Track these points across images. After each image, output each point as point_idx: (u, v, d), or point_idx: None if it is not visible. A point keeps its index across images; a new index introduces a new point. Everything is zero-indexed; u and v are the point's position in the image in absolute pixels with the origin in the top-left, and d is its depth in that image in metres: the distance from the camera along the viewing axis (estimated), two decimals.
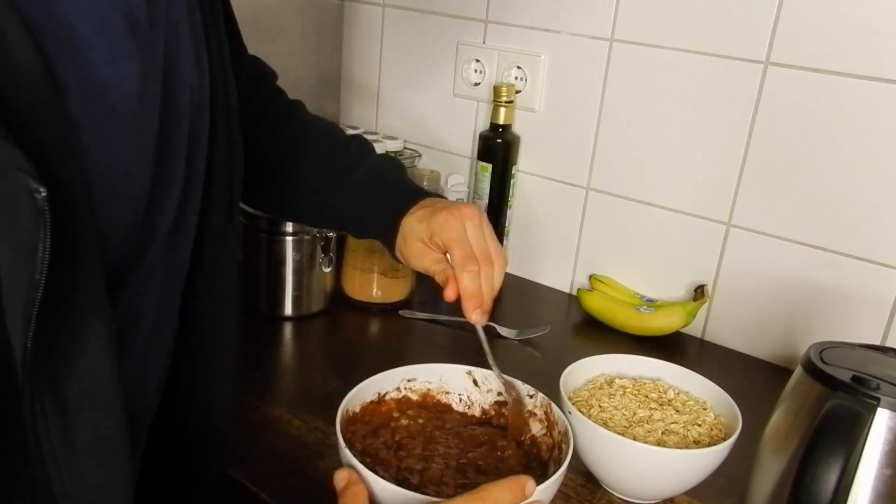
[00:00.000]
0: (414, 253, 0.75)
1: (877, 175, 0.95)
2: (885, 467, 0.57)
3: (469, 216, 0.73)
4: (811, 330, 1.03)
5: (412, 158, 1.39)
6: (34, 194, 0.38)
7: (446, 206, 0.74)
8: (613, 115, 1.15)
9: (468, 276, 0.71)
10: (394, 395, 0.75)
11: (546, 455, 0.71)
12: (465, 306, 0.72)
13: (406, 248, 0.76)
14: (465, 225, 0.72)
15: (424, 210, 0.75)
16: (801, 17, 0.96)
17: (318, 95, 1.45)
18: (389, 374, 0.75)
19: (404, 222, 0.76)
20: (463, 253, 0.71)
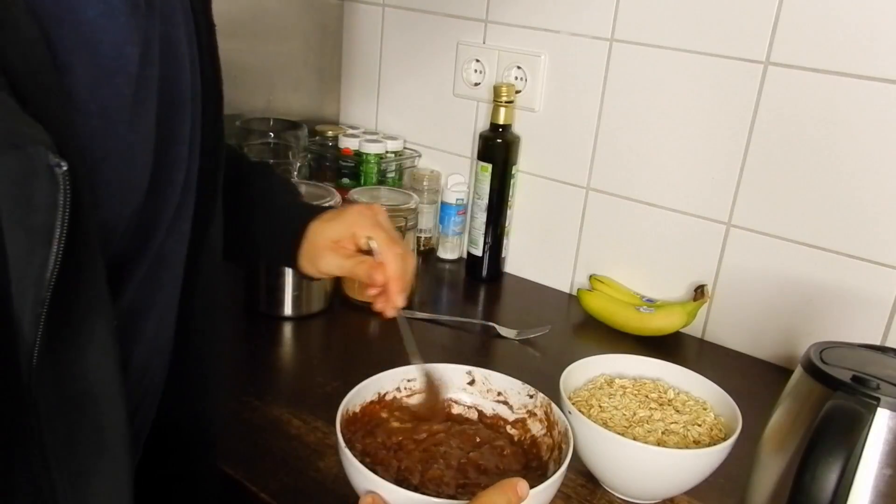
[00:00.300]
0: (325, 255, 0.75)
1: (877, 175, 0.95)
2: (885, 467, 0.57)
3: (378, 210, 0.75)
4: (811, 330, 1.03)
5: (412, 158, 1.39)
6: (55, 168, 0.37)
7: (352, 205, 0.76)
8: (613, 115, 1.15)
9: (395, 257, 0.72)
10: (394, 395, 0.75)
11: (546, 455, 0.71)
12: (392, 288, 0.72)
13: (316, 252, 0.75)
14: (377, 216, 0.74)
15: (330, 213, 0.76)
16: (801, 17, 0.96)
17: (318, 95, 1.45)
18: (390, 373, 0.75)
19: (310, 229, 0.76)
20: (386, 237, 0.73)
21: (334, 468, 0.75)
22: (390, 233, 0.74)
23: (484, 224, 1.25)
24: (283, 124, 1.29)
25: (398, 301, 0.73)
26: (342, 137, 1.36)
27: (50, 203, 0.38)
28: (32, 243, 0.38)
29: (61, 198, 0.38)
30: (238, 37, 1.27)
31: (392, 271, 0.72)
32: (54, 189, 0.37)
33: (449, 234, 1.33)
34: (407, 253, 0.74)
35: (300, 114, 1.39)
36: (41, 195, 0.37)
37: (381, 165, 1.34)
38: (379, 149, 1.33)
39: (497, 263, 1.28)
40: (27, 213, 0.37)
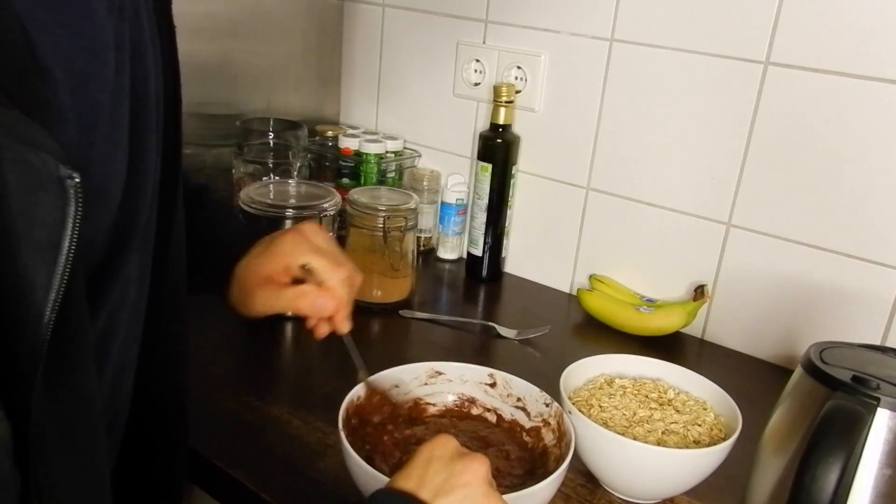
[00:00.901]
0: (257, 295, 0.68)
1: (877, 175, 0.95)
2: (885, 467, 0.57)
3: (313, 231, 0.69)
4: (811, 330, 1.03)
5: (412, 158, 1.39)
6: (66, 181, 0.35)
7: (283, 231, 0.69)
8: (613, 115, 1.15)
9: (341, 282, 0.66)
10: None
11: (553, 466, 0.70)
12: (339, 315, 0.67)
13: (247, 293, 0.68)
14: (312, 240, 0.68)
15: (259, 246, 0.70)
16: (801, 17, 0.96)
17: (318, 95, 1.45)
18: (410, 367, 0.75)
19: (239, 267, 0.69)
20: (328, 262, 0.67)
21: (334, 468, 0.75)
22: (331, 255, 0.68)
23: (484, 224, 1.25)
24: (283, 124, 1.29)
25: (345, 327, 0.68)
26: (342, 137, 1.36)
27: (57, 218, 0.35)
28: (35, 261, 0.35)
29: (71, 210, 0.35)
30: (238, 37, 1.26)
31: (339, 297, 0.67)
32: (62, 203, 0.35)
33: (449, 234, 1.33)
34: (353, 274, 0.68)
35: (300, 114, 1.39)
36: (46, 209, 0.35)
37: (381, 165, 1.34)
38: (379, 149, 1.33)
39: (497, 263, 1.28)
40: (29, 228, 0.35)
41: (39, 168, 0.35)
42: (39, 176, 0.35)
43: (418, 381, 0.77)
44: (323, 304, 0.66)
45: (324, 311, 0.67)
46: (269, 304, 0.68)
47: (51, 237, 0.35)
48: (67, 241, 0.35)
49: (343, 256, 0.69)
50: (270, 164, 1.23)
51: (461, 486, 0.51)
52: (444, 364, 0.77)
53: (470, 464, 0.52)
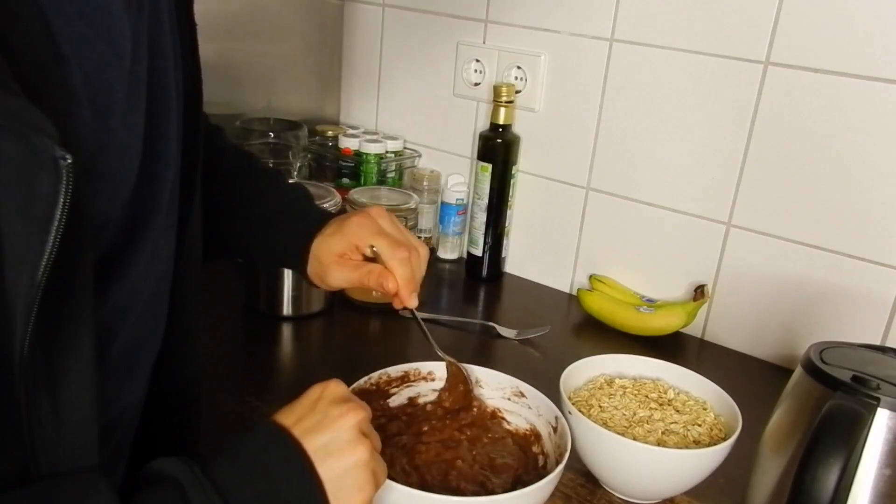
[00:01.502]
0: (333, 270, 0.74)
1: (877, 175, 0.95)
2: (885, 467, 0.57)
3: (378, 214, 0.75)
4: (811, 330, 1.03)
5: (412, 158, 1.39)
6: (59, 161, 0.38)
7: (353, 213, 0.75)
8: (613, 115, 1.15)
9: (400, 262, 0.72)
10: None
11: (551, 469, 0.70)
12: (403, 292, 0.72)
13: (323, 269, 0.75)
14: (378, 222, 0.74)
15: (332, 226, 0.76)
16: (801, 17, 0.96)
17: (318, 95, 1.45)
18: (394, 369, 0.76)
19: (314, 245, 0.75)
20: (389, 243, 0.72)
21: None
22: (393, 236, 0.73)
23: (484, 224, 1.25)
24: (283, 124, 1.29)
25: (411, 303, 0.73)
26: (342, 137, 1.36)
27: (51, 193, 0.38)
28: (30, 230, 0.39)
29: (63, 188, 0.39)
30: (238, 37, 1.26)
31: (400, 277, 0.71)
32: (56, 180, 0.38)
33: (449, 234, 1.33)
34: (413, 253, 0.73)
35: (300, 114, 1.39)
36: (43, 186, 0.38)
37: (381, 165, 1.34)
38: (379, 149, 1.33)
39: (497, 263, 1.28)
40: (28, 202, 0.38)
41: (39, 148, 0.38)
42: (39, 156, 0.38)
43: (501, 393, 0.78)
44: (384, 283, 0.71)
45: (386, 288, 0.72)
46: (341, 279, 0.74)
47: (45, 210, 0.39)
48: (58, 214, 0.39)
49: (405, 237, 0.74)
50: (270, 164, 1.23)
51: (332, 429, 0.53)
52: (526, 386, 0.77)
53: (347, 411, 0.54)
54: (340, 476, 0.52)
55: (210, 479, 0.47)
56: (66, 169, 0.38)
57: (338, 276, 0.74)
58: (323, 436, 0.53)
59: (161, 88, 0.54)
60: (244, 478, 0.49)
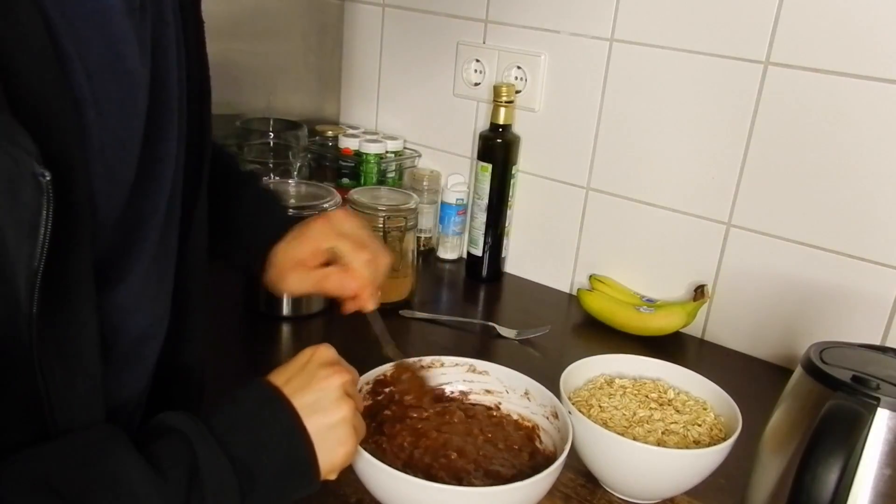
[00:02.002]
0: (288, 277, 0.73)
1: (876, 175, 0.95)
2: (885, 467, 0.57)
3: (342, 217, 0.74)
4: (811, 330, 1.03)
5: (412, 158, 1.39)
6: (38, 178, 0.40)
7: (315, 217, 0.75)
8: (613, 115, 1.15)
9: (363, 264, 0.71)
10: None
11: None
12: (363, 294, 0.72)
13: (279, 275, 0.74)
14: (340, 225, 0.73)
15: (293, 232, 0.75)
16: (801, 17, 0.96)
17: (318, 95, 1.45)
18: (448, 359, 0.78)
19: (274, 252, 0.74)
20: (350, 244, 0.72)
21: None
22: (355, 238, 0.72)
23: (484, 224, 1.25)
24: (283, 124, 1.29)
25: (370, 305, 0.73)
26: (342, 137, 1.36)
27: (35, 205, 0.40)
28: (20, 235, 0.40)
29: (45, 202, 0.40)
30: (238, 37, 1.26)
31: (362, 278, 0.71)
32: (38, 195, 0.40)
33: (449, 234, 1.33)
34: (376, 255, 0.72)
35: (300, 114, 1.39)
36: (27, 195, 0.40)
37: (381, 165, 1.34)
38: (379, 149, 1.33)
39: (497, 263, 1.28)
40: (14, 207, 0.40)
41: (18, 160, 0.39)
42: (19, 168, 0.39)
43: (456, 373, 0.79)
44: (346, 285, 0.71)
45: (347, 290, 0.71)
46: (299, 286, 0.74)
47: (31, 219, 0.40)
48: (44, 226, 0.41)
49: (369, 239, 0.74)
50: (270, 164, 1.23)
51: (318, 389, 0.57)
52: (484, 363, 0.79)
53: (333, 373, 0.58)
54: (325, 431, 0.56)
55: (211, 431, 0.51)
56: (46, 186, 0.40)
57: (293, 283, 0.73)
58: (310, 395, 0.56)
59: (163, 90, 0.54)
60: (241, 432, 0.53)
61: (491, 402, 0.79)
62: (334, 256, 0.72)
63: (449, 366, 0.80)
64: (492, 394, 0.80)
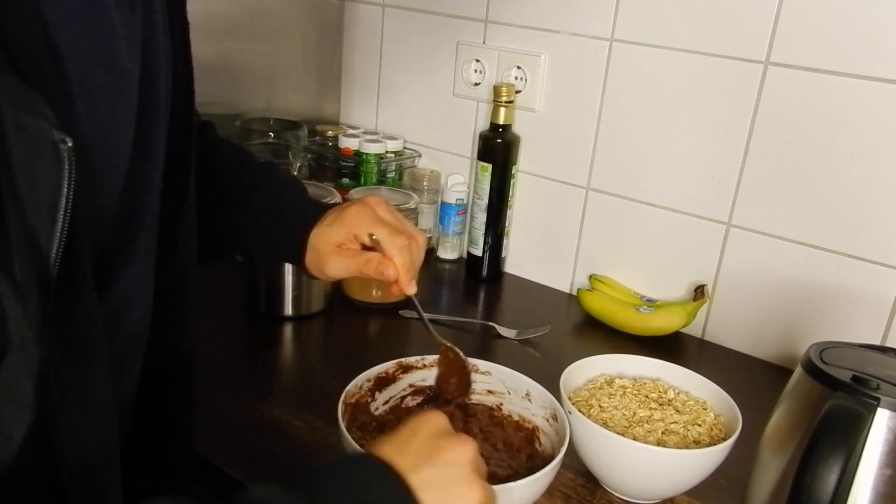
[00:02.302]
0: (331, 260, 0.73)
1: (877, 175, 0.95)
2: (885, 467, 0.57)
3: (376, 202, 0.74)
4: (811, 330, 1.03)
5: (412, 158, 1.39)
6: (59, 145, 0.38)
7: (351, 203, 0.75)
8: (613, 115, 1.15)
9: (400, 250, 0.71)
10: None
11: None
12: (403, 279, 0.72)
13: (321, 259, 0.74)
14: (376, 210, 0.73)
15: (330, 216, 0.75)
16: (801, 17, 0.96)
17: (318, 95, 1.45)
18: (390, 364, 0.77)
19: (312, 235, 0.75)
20: (388, 230, 0.72)
21: None
22: (392, 224, 0.73)
23: (484, 224, 1.25)
24: (283, 124, 1.29)
25: (410, 290, 0.73)
26: (342, 137, 1.36)
27: (53, 182, 0.38)
28: (38, 219, 0.38)
29: (66, 173, 0.38)
30: (238, 37, 1.26)
31: (400, 264, 0.71)
32: (58, 167, 0.38)
33: (449, 234, 1.33)
34: (412, 241, 0.73)
35: (300, 114, 1.39)
36: (44, 173, 0.38)
37: (381, 165, 1.34)
38: (379, 149, 1.33)
39: (497, 263, 1.28)
40: (31, 190, 0.38)
41: (35, 132, 0.37)
42: (36, 140, 0.37)
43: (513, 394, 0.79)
44: (384, 271, 0.71)
45: (386, 276, 0.71)
46: (340, 269, 0.73)
47: (49, 199, 0.38)
48: (64, 202, 0.38)
49: (405, 225, 0.74)
50: None
51: (443, 463, 0.49)
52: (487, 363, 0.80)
53: (457, 444, 0.50)
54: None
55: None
56: (68, 153, 0.38)
57: (336, 266, 0.73)
58: (434, 471, 0.48)
59: (152, 88, 0.54)
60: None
61: (492, 402, 0.79)
62: (373, 242, 0.73)
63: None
64: (493, 394, 0.80)
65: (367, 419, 0.74)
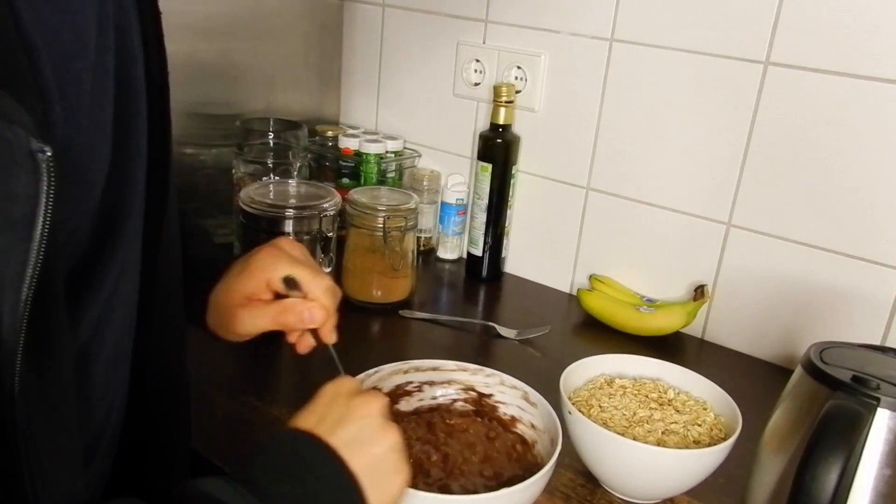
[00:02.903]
0: (240, 316, 0.65)
1: (877, 175, 0.95)
2: (885, 467, 0.57)
3: (288, 244, 0.68)
4: (811, 330, 1.03)
5: (412, 158, 1.39)
6: (37, 154, 0.35)
7: (258, 249, 0.67)
8: (613, 115, 1.15)
9: (325, 291, 0.64)
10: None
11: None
12: (327, 326, 0.65)
13: (226, 316, 0.66)
14: (290, 252, 0.66)
15: (234, 268, 0.67)
16: (801, 17, 0.96)
17: (318, 95, 1.45)
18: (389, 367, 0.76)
19: (215, 292, 0.67)
20: (310, 272, 0.65)
21: None
22: (311, 266, 0.66)
23: (484, 224, 1.25)
24: (283, 124, 1.29)
25: (332, 338, 0.67)
26: (342, 137, 1.36)
27: (31, 194, 0.35)
28: (11, 238, 0.35)
29: (44, 186, 0.35)
30: (238, 37, 1.26)
31: (328, 307, 0.65)
32: (35, 178, 0.35)
33: (449, 234, 1.33)
34: (334, 284, 0.67)
35: (300, 114, 1.39)
36: (20, 184, 0.35)
37: (381, 165, 1.34)
38: (379, 149, 1.33)
39: (497, 263, 1.28)
40: (5, 203, 0.35)
41: (12, 142, 0.34)
42: (13, 150, 0.34)
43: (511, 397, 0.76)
44: (312, 315, 0.64)
45: (314, 321, 0.64)
46: (253, 324, 0.66)
47: (25, 213, 0.35)
48: (41, 217, 0.36)
49: (319, 267, 0.70)
50: (270, 164, 1.23)
51: (358, 417, 0.53)
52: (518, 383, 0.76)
53: (368, 399, 0.55)
54: (376, 463, 0.53)
55: (254, 493, 0.47)
56: (46, 163, 0.35)
57: (245, 321, 0.65)
58: (350, 428, 0.53)
59: (127, 81, 0.50)
60: (285, 486, 0.49)
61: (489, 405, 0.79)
62: (287, 289, 0.65)
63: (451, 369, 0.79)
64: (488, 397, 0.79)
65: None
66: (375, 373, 0.75)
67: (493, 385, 0.77)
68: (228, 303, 0.66)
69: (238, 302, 0.66)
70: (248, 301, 0.65)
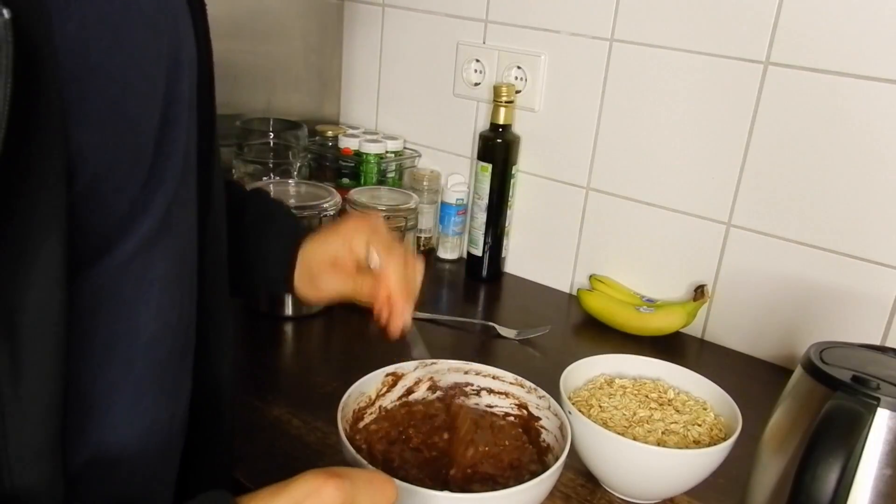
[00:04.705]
0: (325, 276, 0.69)
1: (877, 175, 0.95)
2: (885, 467, 0.57)
3: (375, 220, 0.71)
4: (811, 330, 1.03)
5: (412, 158, 1.39)
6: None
7: (347, 220, 0.71)
8: (613, 115, 1.15)
9: (396, 267, 0.67)
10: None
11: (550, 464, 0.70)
12: (396, 301, 0.67)
13: (314, 273, 0.69)
14: (374, 227, 0.69)
15: (323, 232, 0.71)
16: (801, 17, 0.96)
17: (318, 95, 1.45)
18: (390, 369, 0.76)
19: (303, 251, 0.70)
20: (387, 248, 0.68)
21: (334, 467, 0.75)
22: (389, 241, 0.69)
23: (484, 224, 1.25)
24: (283, 124, 1.29)
25: (405, 316, 0.67)
26: (342, 137, 1.36)
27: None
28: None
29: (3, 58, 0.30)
30: (238, 37, 1.26)
31: (394, 283, 0.67)
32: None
33: (449, 234, 1.33)
34: (409, 259, 0.69)
35: (300, 114, 1.39)
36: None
37: (381, 165, 1.34)
38: (379, 149, 1.33)
39: (497, 263, 1.28)
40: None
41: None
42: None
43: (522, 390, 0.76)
44: (379, 289, 0.67)
45: (381, 294, 0.67)
46: (334, 286, 0.70)
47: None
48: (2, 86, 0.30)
49: (401, 245, 0.70)
50: (270, 164, 1.23)
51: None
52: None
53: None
54: None
55: None
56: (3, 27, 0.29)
57: (330, 282, 0.69)
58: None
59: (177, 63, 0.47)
60: None
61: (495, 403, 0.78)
62: (367, 261, 0.68)
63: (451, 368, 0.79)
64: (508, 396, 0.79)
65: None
66: (432, 364, 0.76)
67: (542, 408, 0.75)
68: (315, 262, 0.70)
69: (324, 263, 0.69)
70: (333, 265, 0.69)
